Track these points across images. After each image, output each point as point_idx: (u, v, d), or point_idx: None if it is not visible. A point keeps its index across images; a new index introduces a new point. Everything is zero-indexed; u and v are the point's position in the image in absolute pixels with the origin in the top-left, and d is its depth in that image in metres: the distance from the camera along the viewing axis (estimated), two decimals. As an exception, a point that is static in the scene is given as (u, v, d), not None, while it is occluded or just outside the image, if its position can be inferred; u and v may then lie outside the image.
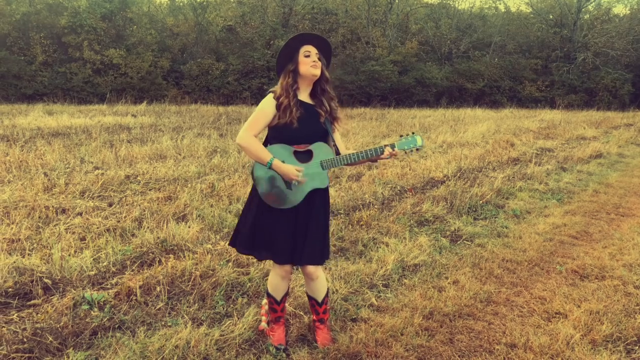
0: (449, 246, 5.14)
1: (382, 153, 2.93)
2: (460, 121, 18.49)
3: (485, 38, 36.56)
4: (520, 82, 33.75)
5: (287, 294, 3.20)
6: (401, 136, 3.02)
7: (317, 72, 2.89)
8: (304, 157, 2.91)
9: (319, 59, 2.91)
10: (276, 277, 3.09)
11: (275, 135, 2.92)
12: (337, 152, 3.01)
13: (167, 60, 29.24)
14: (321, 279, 3.11)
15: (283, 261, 2.99)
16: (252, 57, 29.55)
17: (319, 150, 2.91)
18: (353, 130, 14.05)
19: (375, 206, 6.36)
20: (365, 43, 33.63)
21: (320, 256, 3.01)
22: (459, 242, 5.29)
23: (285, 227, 2.93)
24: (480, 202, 6.79)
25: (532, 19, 38.07)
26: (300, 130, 2.85)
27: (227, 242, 3.31)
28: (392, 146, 2.95)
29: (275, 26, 31.70)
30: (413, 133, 3.02)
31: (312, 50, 2.89)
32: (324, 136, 2.96)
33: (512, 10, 40.36)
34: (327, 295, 3.18)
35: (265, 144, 2.97)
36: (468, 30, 36.83)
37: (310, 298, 3.18)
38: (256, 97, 29.10)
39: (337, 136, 3.06)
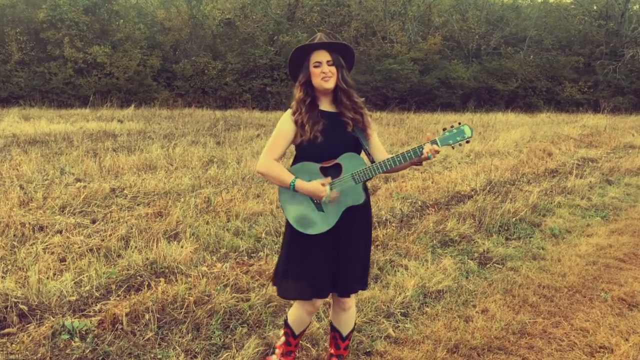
0: (477, 270, 5.15)
1: (420, 153, 2.82)
2: (490, 127, 18.50)
3: (519, 32, 36.58)
4: (559, 82, 33.67)
5: (306, 329, 3.23)
6: (444, 129, 2.92)
7: (329, 85, 2.85)
8: (333, 172, 2.87)
9: (333, 65, 2.86)
10: (301, 311, 3.08)
11: (301, 154, 2.92)
12: (372, 161, 2.95)
13: (157, 58, 29.51)
14: (352, 311, 3.15)
15: (319, 295, 2.99)
16: (253, 54, 29.74)
17: (348, 161, 2.86)
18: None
19: (393, 224, 6.38)
20: (381, 38, 33.78)
21: (360, 284, 3.04)
22: (488, 266, 5.29)
23: (323, 258, 2.91)
24: (513, 219, 6.79)
25: (573, 10, 38.08)
26: (326, 144, 2.83)
27: (271, 285, 3.34)
28: (434, 142, 2.86)
29: (279, 19, 31.93)
30: (459, 123, 2.94)
31: (323, 58, 2.85)
32: (356, 146, 2.93)
33: (549, 1, 40.41)
34: (353, 329, 3.20)
35: (294, 163, 2.96)
36: (499, 24, 36.89)
37: (333, 329, 3.20)
38: (258, 100, 29.22)
39: (374, 142, 3.01)
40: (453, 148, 2.95)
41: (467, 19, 36.80)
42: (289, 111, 2.92)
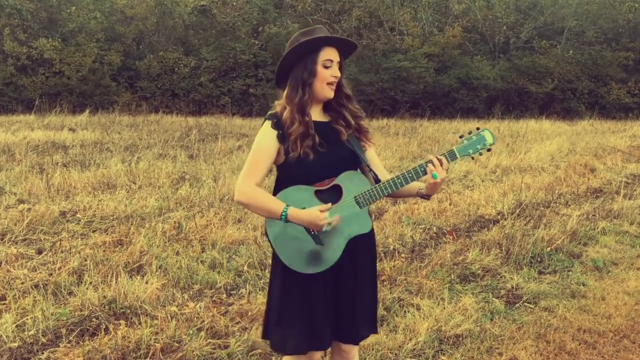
0: (504, 310, 5.19)
1: (423, 172, 2.84)
2: (521, 137, 18.60)
3: (556, 22, 36.80)
4: (604, 82, 33.84)
5: None
6: (462, 137, 2.95)
7: (332, 94, 2.91)
8: (331, 196, 2.86)
9: (339, 68, 2.91)
10: None
11: (288, 174, 2.91)
12: (377, 179, 2.95)
13: (117, 53, 29.56)
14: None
15: (318, 347, 2.98)
16: (233, 49, 29.84)
17: (350, 182, 2.86)
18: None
19: (403, 254, 6.43)
20: (389, 30, 33.98)
21: (369, 327, 3.07)
22: (517, 305, 5.34)
23: (323, 300, 2.91)
24: (548, 249, 6.85)
25: (621, -4, 38.39)
26: (319, 161, 2.83)
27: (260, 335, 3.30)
28: (451, 155, 2.88)
29: (265, 7, 32.05)
30: (478, 128, 2.97)
31: (334, 58, 2.88)
32: (354, 160, 2.96)
33: (592, -15, 40.79)
34: None
35: (278, 189, 2.92)
36: (532, 12, 37.13)
37: None
38: (239, 104, 29.26)
39: (370, 155, 3.04)
40: (473, 158, 2.96)
41: (492, 6, 37.00)
42: (268, 123, 2.90)
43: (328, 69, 2.85)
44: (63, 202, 8.02)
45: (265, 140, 2.87)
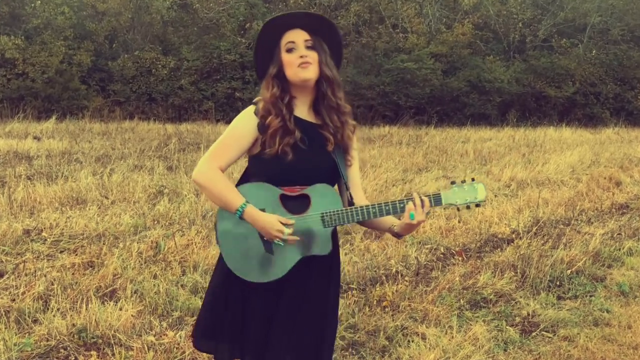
0: (519, 340, 5.20)
1: (402, 210, 2.83)
2: (538, 147, 18.65)
3: (577, 19, 36.92)
4: (631, 86, 33.92)
5: None
6: (453, 183, 2.91)
7: (308, 74, 2.85)
8: (297, 205, 2.86)
9: (314, 49, 2.88)
10: None
11: (258, 169, 2.92)
12: (350, 202, 2.96)
13: (87, 53, 29.52)
14: None
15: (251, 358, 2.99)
16: (217, 48, 29.86)
17: (320, 197, 2.86)
18: (372, 160, 14.17)
19: (406, 278, 6.44)
20: (391, 27, 34.05)
21: None
22: (534, 334, 5.35)
23: (260, 308, 2.94)
24: (568, 272, 6.87)
25: (649, -9, 38.58)
26: (296, 164, 2.83)
27: (190, 334, 3.37)
28: (436, 199, 2.86)
29: (252, 1, 32.07)
30: (473, 179, 2.92)
31: (297, 38, 2.86)
32: (334, 174, 2.96)
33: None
34: None
35: (244, 181, 2.93)
36: (551, 7, 37.25)
37: None
38: (224, 110, 29.21)
39: (353, 173, 3.05)
40: (458, 210, 2.92)
41: (507, 1, 37.16)
42: (252, 108, 2.92)
43: (292, 53, 2.86)
44: (27, 220, 8.01)
45: (242, 125, 2.91)
